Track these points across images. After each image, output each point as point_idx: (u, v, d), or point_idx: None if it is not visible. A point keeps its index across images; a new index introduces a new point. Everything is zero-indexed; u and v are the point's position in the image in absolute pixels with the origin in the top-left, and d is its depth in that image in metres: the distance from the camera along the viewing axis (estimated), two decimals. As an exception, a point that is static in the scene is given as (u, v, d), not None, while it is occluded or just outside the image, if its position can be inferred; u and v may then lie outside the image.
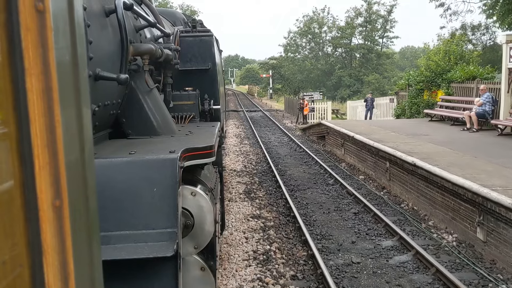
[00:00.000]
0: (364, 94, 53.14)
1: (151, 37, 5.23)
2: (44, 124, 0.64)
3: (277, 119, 32.54)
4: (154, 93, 4.47)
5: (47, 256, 0.63)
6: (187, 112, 5.96)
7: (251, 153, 17.94)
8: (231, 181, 12.94)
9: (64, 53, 0.70)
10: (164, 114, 4.48)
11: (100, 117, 3.69)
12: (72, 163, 0.69)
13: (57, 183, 0.65)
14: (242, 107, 44.35)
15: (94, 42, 3.19)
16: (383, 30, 63.06)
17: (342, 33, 63.57)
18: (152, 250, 2.86)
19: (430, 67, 20.63)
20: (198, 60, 6.89)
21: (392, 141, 12.46)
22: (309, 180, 13.18)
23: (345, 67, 63.53)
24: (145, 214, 2.99)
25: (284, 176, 13.60)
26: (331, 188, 12.17)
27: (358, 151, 14.17)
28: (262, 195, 11.52)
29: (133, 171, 3.05)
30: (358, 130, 15.17)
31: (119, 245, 2.87)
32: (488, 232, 7.28)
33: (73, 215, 0.69)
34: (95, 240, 0.78)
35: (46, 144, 0.64)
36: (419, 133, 14.26)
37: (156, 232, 2.96)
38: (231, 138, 22.39)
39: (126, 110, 4.28)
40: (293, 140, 21.07)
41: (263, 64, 75.48)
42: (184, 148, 3.37)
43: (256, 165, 15.45)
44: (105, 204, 2.91)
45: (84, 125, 0.75)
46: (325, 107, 29.27)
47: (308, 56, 67.94)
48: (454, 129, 15.58)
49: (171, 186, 3.05)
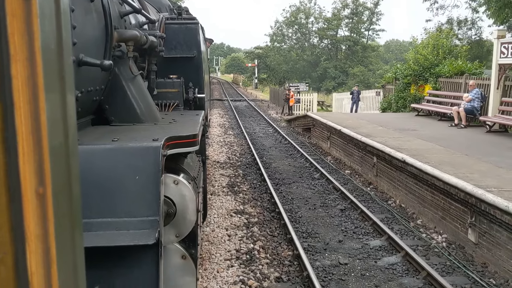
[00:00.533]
0: (349, 86, 52.90)
1: (136, 23, 5.17)
2: (28, 111, 0.64)
3: (262, 109, 32.01)
4: (138, 80, 4.43)
5: (30, 243, 0.63)
6: (171, 100, 5.93)
7: (235, 144, 17.59)
8: (214, 173, 12.61)
9: (50, 40, 0.69)
10: (147, 101, 4.45)
11: (83, 103, 3.65)
12: (56, 151, 0.69)
13: (41, 170, 0.65)
14: (226, 96, 43.55)
15: (78, 27, 3.15)
16: (369, 23, 63.39)
17: (328, 25, 63.56)
18: (133, 237, 2.86)
19: (418, 61, 20.33)
20: (183, 47, 6.83)
21: (380, 136, 12.25)
22: (295, 174, 12.91)
23: (331, 58, 63.64)
24: (127, 202, 2.98)
25: (269, 169, 13.35)
26: (317, 182, 11.94)
27: (345, 145, 13.95)
28: (246, 189, 11.24)
29: (115, 158, 3.04)
30: (345, 123, 14.92)
31: (100, 232, 2.87)
32: (480, 234, 7.08)
33: (57, 203, 0.69)
34: (78, 228, 0.78)
35: (30, 131, 0.64)
36: (407, 128, 14.07)
37: (138, 220, 2.96)
38: (215, 128, 21.92)
39: (110, 97, 4.25)
40: (278, 131, 20.77)
41: (249, 53, 74.55)
42: (167, 136, 3.36)
43: (240, 157, 15.11)
44: (87, 191, 2.90)
45: (68, 112, 0.75)
46: (310, 99, 28.87)
47: (294, 47, 67.77)
48: (442, 124, 15.41)
49: (153, 174, 3.04)
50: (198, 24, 7.14)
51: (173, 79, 6.10)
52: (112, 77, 4.20)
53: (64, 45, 0.76)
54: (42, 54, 0.67)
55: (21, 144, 0.62)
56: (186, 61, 6.81)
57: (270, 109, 32.36)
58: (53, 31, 0.71)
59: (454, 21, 40.24)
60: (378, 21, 63.68)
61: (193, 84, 6.53)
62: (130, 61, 4.36)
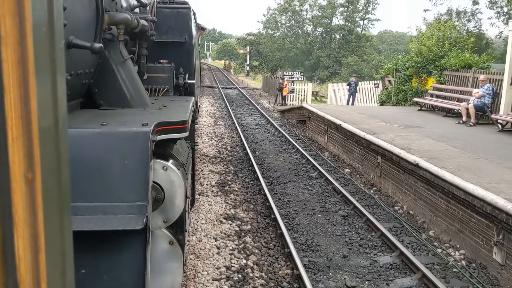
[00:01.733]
0: (342, 76, 51.43)
1: (127, 7, 5.11)
2: (18, 94, 0.63)
3: (254, 98, 30.79)
4: (128, 64, 4.40)
5: (18, 228, 0.63)
6: (161, 85, 5.90)
7: (226, 136, 16.54)
8: (203, 169, 11.66)
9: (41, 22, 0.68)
10: (137, 86, 4.42)
11: (72, 86, 3.62)
12: (45, 136, 0.69)
13: (30, 155, 0.65)
14: (217, 84, 42.15)
15: (68, 9, 3.11)
16: (364, 12, 62.26)
17: (323, 12, 62.25)
18: (121, 222, 2.86)
19: (422, 53, 18.96)
20: (175, 32, 6.78)
21: (385, 134, 11.19)
22: (290, 172, 11.85)
23: (324, 47, 62.52)
24: (115, 187, 2.98)
25: (262, 165, 12.32)
26: (315, 182, 10.87)
27: (344, 140, 12.85)
28: (238, 188, 10.28)
29: (104, 142, 3.02)
30: (345, 117, 13.81)
31: (87, 216, 2.86)
32: (508, 255, 6.22)
33: (46, 188, 0.68)
34: (67, 214, 0.78)
35: (20, 115, 0.63)
36: (412, 125, 13.02)
37: (126, 205, 2.96)
38: (205, 118, 20.86)
39: (99, 80, 4.21)
40: (271, 122, 19.73)
41: (241, 39, 73.08)
42: (157, 122, 3.35)
43: (231, 151, 14.12)
44: (75, 175, 2.88)
45: (58, 97, 0.74)
46: (305, 89, 27.40)
47: (288, 34, 66.49)
48: (449, 121, 14.26)
49: (142, 159, 3.03)
50: (190, 9, 7.08)
51: (163, 64, 6.06)
52: (102, 60, 4.16)
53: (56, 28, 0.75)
54: (33, 37, 0.66)
55: (10, 128, 0.61)
56: (177, 46, 6.76)
57: (262, 98, 31.26)
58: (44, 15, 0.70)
59: (454, 11, 39.32)
60: (373, 11, 62.77)
61: (183, 70, 6.49)
62: (121, 44, 4.32)
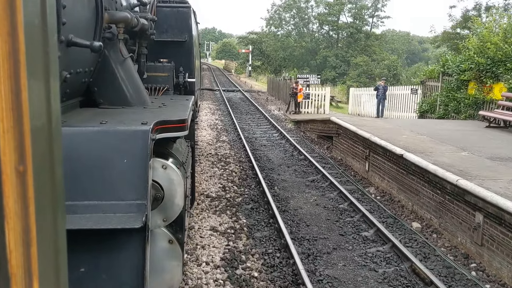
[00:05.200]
0: (351, 77, 48.15)
1: (127, 5, 5.11)
2: (9, 86, 0.63)
3: (260, 103, 27.46)
4: (127, 62, 4.40)
5: (9, 220, 0.62)
6: (161, 84, 5.90)
7: (232, 160, 12.86)
8: (201, 225, 7.65)
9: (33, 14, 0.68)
10: (137, 84, 4.42)
11: (72, 85, 3.61)
12: (37, 129, 0.68)
13: (21, 148, 0.64)
14: (218, 86, 38.95)
15: (68, 7, 3.10)
16: (373, 9, 59.11)
17: (329, 9, 58.70)
18: (120, 221, 2.85)
19: (486, 51, 15.01)
20: (175, 31, 6.79)
21: (481, 176, 7.42)
22: (331, 227, 8.00)
23: (331, 46, 59.16)
24: (114, 185, 2.97)
25: (288, 214, 8.54)
26: (376, 251, 6.95)
27: (402, 175, 9.42)
28: (257, 268, 6.36)
29: (104, 141, 3.02)
30: (400, 140, 10.40)
31: (86, 214, 2.86)
32: None
33: (37, 182, 0.68)
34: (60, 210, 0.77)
35: (11, 107, 0.62)
36: (503, 155, 9.09)
37: (125, 204, 2.95)
38: (205, 131, 17.39)
39: (99, 79, 4.21)
40: (285, 137, 16.23)
41: (242, 38, 68.98)
42: (156, 120, 3.35)
43: (240, 185, 10.28)
44: (74, 173, 2.88)
45: (51, 90, 0.74)
46: (322, 94, 22.65)
47: (292, 33, 63.06)
48: None
49: (142, 158, 3.03)
50: (190, 8, 7.08)
51: (163, 63, 6.06)
52: (101, 59, 4.16)
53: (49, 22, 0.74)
54: (25, 29, 0.65)
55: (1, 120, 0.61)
56: (177, 46, 6.76)
57: (269, 103, 27.84)
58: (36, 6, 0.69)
59: (483, 6, 36.11)
60: (383, 7, 58.44)
61: (183, 69, 6.49)
62: (120, 43, 4.32)
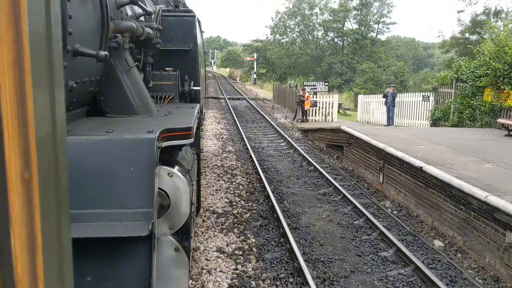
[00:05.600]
0: (357, 83, 47.80)
1: (132, 15, 5.15)
2: (14, 94, 0.63)
3: (266, 111, 27.03)
4: (133, 71, 4.42)
5: (15, 227, 0.62)
6: (167, 92, 5.93)
7: (239, 171, 12.30)
8: (206, 246, 7.21)
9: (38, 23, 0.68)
10: (143, 93, 4.44)
11: (78, 94, 3.64)
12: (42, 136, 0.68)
13: (27, 155, 0.65)
14: (223, 94, 38.70)
15: (74, 17, 3.13)
16: (379, 15, 59.14)
17: (334, 16, 58.74)
18: (126, 229, 2.85)
19: (503, 56, 14.48)
20: (180, 40, 6.82)
21: (504, 187, 7.11)
22: (347, 247, 7.49)
23: (336, 53, 59.08)
24: (121, 193, 2.98)
25: (299, 232, 8.08)
26: (399, 274, 6.54)
27: (421, 188, 8.84)
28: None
29: (110, 149, 3.03)
30: (417, 151, 9.86)
31: (93, 223, 2.86)
32: None
33: (43, 189, 0.68)
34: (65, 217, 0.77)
35: (16, 114, 0.63)
36: None
37: (132, 212, 2.96)
38: (210, 141, 16.92)
39: (105, 88, 4.24)
40: (293, 146, 15.88)
41: (247, 46, 68.96)
42: (162, 129, 3.36)
43: (248, 200, 9.85)
44: (81, 181, 2.89)
45: (56, 98, 0.74)
46: (329, 101, 22.37)
47: (297, 40, 63.06)
48: None
49: (148, 166, 3.03)
50: (195, 17, 7.12)
51: (169, 71, 6.09)
52: (107, 68, 4.18)
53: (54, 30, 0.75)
54: (30, 37, 0.66)
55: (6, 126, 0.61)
56: (182, 54, 6.79)
57: (275, 111, 27.51)
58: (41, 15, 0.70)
59: (492, 11, 36.04)
60: (389, 14, 59.15)
61: (188, 77, 6.52)
62: (126, 52, 4.35)
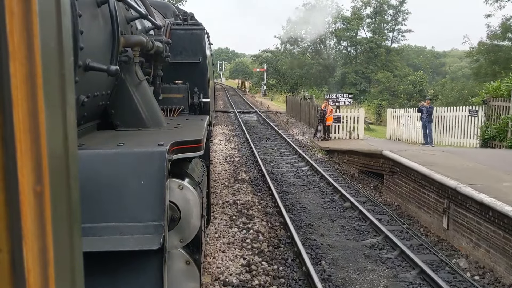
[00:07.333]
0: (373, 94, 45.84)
1: (142, 29, 5.20)
2: (27, 109, 0.64)
3: (280, 126, 24.39)
4: (143, 85, 4.45)
5: (27, 240, 0.63)
6: (177, 105, 5.97)
7: (256, 211, 9.67)
8: None
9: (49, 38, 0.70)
10: (153, 106, 4.47)
11: (89, 108, 3.67)
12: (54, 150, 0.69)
13: (39, 169, 0.65)
14: (233, 107, 36.19)
15: (85, 32, 3.17)
16: (394, 23, 57.54)
17: (347, 25, 57.01)
18: (137, 242, 2.85)
19: None
20: (189, 53, 6.88)
21: None
22: None
23: (350, 62, 57.27)
24: (131, 207, 2.98)
25: None
26: None
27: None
28: None
29: (121, 163, 3.04)
30: (499, 189, 7.71)
31: (104, 236, 2.87)
32: None
33: (54, 203, 0.69)
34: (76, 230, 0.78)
35: (28, 129, 0.64)
36: None
37: (142, 225, 2.96)
38: (219, 165, 14.40)
39: (115, 102, 4.27)
40: (318, 171, 13.29)
41: (256, 57, 67.08)
42: (173, 141, 3.37)
43: (271, 260, 7.28)
44: (92, 195, 2.90)
45: (68, 112, 0.75)
46: (354, 116, 19.98)
47: (308, 50, 61.08)
48: None
49: (158, 179, 3.04)
50: (204, 30, 7.18)
51: (178, 84, 6.14)
52: (118, 82, 4.22)
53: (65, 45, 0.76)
54: (42, 52, 0.67)
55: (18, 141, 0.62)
56: (192, 67, 6.85)
57: (290, 126, 24.70)
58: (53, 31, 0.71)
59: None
60: (404, 21, 57.59)
61: (198, 90, 6.56)
62: (136, 66, 4.38)
